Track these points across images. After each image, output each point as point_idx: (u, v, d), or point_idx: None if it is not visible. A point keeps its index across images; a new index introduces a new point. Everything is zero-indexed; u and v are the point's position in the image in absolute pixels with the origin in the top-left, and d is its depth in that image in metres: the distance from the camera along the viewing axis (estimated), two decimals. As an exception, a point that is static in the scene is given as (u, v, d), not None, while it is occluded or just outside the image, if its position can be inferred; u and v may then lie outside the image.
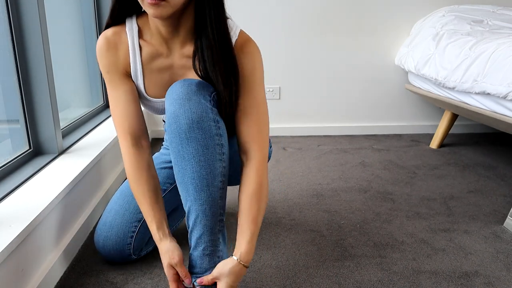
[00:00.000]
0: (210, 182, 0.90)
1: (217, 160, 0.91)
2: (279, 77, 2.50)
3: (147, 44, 1.00)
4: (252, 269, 1.19)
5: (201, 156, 0.89)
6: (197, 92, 0.89)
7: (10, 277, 0.93)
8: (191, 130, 0.88)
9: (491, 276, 1.16)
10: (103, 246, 1.15)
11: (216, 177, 0.91)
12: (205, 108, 0.88)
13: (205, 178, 0.90)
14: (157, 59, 1.01)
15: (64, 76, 1.77)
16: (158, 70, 1.02)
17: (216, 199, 0.92)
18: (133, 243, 1.15)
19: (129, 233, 1.13)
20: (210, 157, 0.89)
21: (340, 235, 1.38)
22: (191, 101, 0.88)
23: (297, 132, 2.60)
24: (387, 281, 1.13)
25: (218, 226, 0.94)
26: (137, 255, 1.19)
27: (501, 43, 1.66)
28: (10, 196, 1.13)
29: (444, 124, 2.28)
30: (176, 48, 0.99)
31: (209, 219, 0.92)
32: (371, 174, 1.93)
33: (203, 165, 0.89)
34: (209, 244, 0.94)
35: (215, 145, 0.90)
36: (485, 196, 1.68)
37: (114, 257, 1.16)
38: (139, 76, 1.02)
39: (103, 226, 1.15)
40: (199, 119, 0.87)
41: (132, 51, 0.99)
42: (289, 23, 2.41)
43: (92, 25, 2.09)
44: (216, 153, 0.90)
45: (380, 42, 2.48)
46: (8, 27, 1.26)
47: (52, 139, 1.41)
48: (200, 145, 0.88)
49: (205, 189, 0.90)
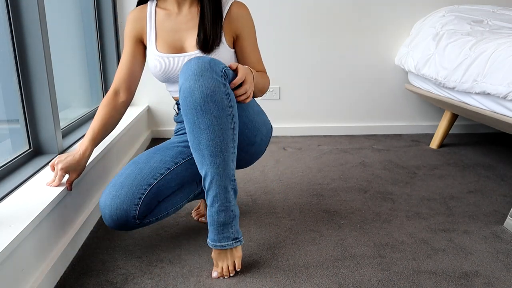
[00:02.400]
0: (224, 148, 1.04)
1: (229, 128, 1.04)
2: (279, 77, 2.50)
3: (162, 9, 1.29)
4: (252, 269, 1.19)
5: (215, 126, 1.02)
6: (210, 69, 1.01)
7: (10, 277, 0.93)
8: (205, 103, 1.00)
9: (491, 276, 1.16)
10: (110, 205, 1.12)
11: (229, 144, 1.05)
12: (217, 83, 1.01)
13: (219, 145, 1.04)
14: (168, 19, 1.27)
15: (64, 76, 1.77)
16: (168, 30, 1.27)
17: (229, 162, 1.07)
18: (140, 205, 1.14)
19: (138, 194, 1.14)
20: (223, 127, 1.03)
21: (340, 235, 1.38)
22: (204, 77, 1.00)
23: (297, 132, 2.60)
24: (387, 281, 1.13)
25: (231, 185, 1.09)
26: (140, 222, 1.16)
27: (501, 43, 1.66)
28: (10, 196, 1.13)
29: (444, 124, 2.28)
30: (185, 7, 1.27)
31: (223, 179, 1.07)
32: (371, 174, 1.93)
33: (217, 134, 1.03)
34: (224, 201, 1.09)
35: (227, 115, 1.03)
36: (485, 196, 1.68)
37: (119, 217, 1.13)
38: (152, 36, 1.28)
39: (113, 187, 1.15)
40: (212, 93, 1.00)
41: (149, 17, 1.29)
42: (289, 23, 2.41)
43: (92, 25, 2.09)
44: (228, 122, 1.04)
45: (380, 42, 2.48)
46: (8, 27, 1.26)
47: (52, 139, 1.41)
48: (214, 116, 1.01)
49: (220, 155, 1.04)
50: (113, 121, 1.31)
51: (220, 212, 1.10)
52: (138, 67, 1.34)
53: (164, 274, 1.17)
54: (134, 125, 2.15)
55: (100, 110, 1.29)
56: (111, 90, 1.32)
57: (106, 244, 1.32)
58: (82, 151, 1.22)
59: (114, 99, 1.30)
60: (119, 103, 1.31)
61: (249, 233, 1.39)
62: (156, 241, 1.34)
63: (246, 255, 1.26)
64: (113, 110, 1.30)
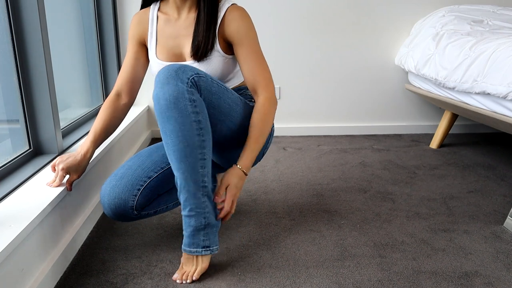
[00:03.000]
0: (188, 154, 1.04)
1: (195, 135, 1.04)
2: (279, 77, 2.50)
3: (163, 14, 1.27)
4: (252, 269, 1.19)
5: (179, 132, 1.03)
6: (175, 76, 1.02)
7: (10, 277, 0.93)
8: (169, 110, 1.02)
9: (491, 276, 1.16)
10: (109, 194, 1.16)
11: (195, 150, 1.05)
12: (181, 90, 1.02)
13: (183, 150, 1.04)
14: (168, 24, 1.26)
15: (64, 76, 1.77)
16: (167, 36, 1.26)
17: (196, 168, 1.06)
18: (138, 196, 1.17)
19: (137, 185, 1.17)
20: (187, 133, 1.03)
21: (340, 235, 1.38)
22: (169, 85, 1.02)
23: (297, 132, 2.60)
24: (387, 281, 1.13)
25: (201, 191, 1.08)
26: (138, 213, 1.19)
27: (501, 43, 1.66)
28: (10, 196, 1.13)
29: (444, 124, 2.28)
30: (184, 13, 1.25)
31: (191, 185, 1.07)
32: (371, 174, 1.93)
33: (181, 139, 1.03)
34: (194, 207, 1.09)
35: (192, 122, 1.03)
36: (485, 196, 1.68)
37: (117, 207, 1.15)
38: (153, 41, 1.28)
39: (114, 177, 1.19)
40: (176, 100, 1.01)
41: (151, 21, 1.28)
42: (289, 23, 2.41)
43: (92, 25, 2.09)
44: (193, 128, 1.04)
45: (380, 42, 2.48)
46: (8, 27, 1.26)
47: (52, 139, 1.41)
48: (178, 122, 1.02)
49: (184, 160, 1.05)
50: (114, 123, 1.30)
51: (190, 217, 1.10)
52: (140, 70, 1.33)
53: (164, 274, 1.17)
54: (134, 125, 2.15)
55: (102, 112, 1.28)
56: (113, 92, 1.31)
57: (106, 244, 1.32)
58: (83, 152, 1.23)
59: (116, 101, 1.30)
60: (121, 105, 1.31)
61: (249, 233, 1.39)
62: (156, 241, 1.34)
63: (246, 255, 1.26)
64: (115, 112, 1.30)
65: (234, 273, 1.17)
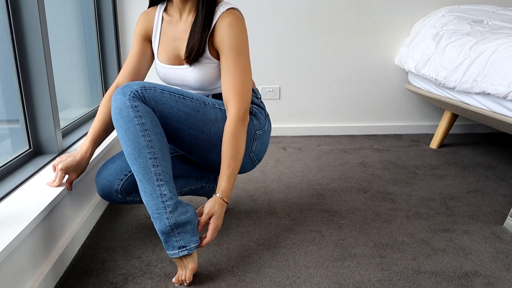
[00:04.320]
0: (137, 155, 1.07)
1: (140, 136, 1.07)
2: (279, 77, 2.50)
3: (168, 15, 1.29)
4: (252, 269, 1.19)
5: (125, 137, 1.08)
6: (121, 92, 1.09)
7: (10, 277, 0.93)
8: (116, 120, 1.09)
9: (491, 276, 1.16)
10: (100, 174, 1.25)
11: (143, 150, 1.08)
12: (123, 101, 1.08)
13: (132, 153, 1.08)
14: (170, 26, 1.27)
15: (64, 76, 1.77)
16: (168, 38, 1.28)
17: (148, 167, 1.07)
18: (123, 181, 1.23)
19: (125, 171, 1.24)
20: (132, 135, 1.07)
21: (340, 235, 1.38)
22: (116, 100, 1.09)
23: (297, 132, 2.60)
24: (387, 281, 1.13)
25: (159, 190, 1.08)
26: (123, 197, 1.25)
27: (501, 43, 1.66)
28: (10, 196, 1.13)
29: (444, 124, 2.28)
30: (184, 16, 1.25)
31: (146, 185, 1.07)
32: (371, 174, 1.93)
33: (128, 143, 1.08)
34: (154, 209, 1.07)
35: (135, 125, 1.07)
36: (485, 196, 1.68)
37: (104, 187, 1.24)
38: (156, 41, 1.30)
39: (108, 161, 1.27)
40: (120, 110, 1.08)
41: (156, 21, 1.30)
42: (289, 23, 2.41)
43: (92, 25, 2.09)
44: (137, 130, 1.07)
45: (380, 42, 2.48)
46: (8, 27, 1.26)
47: (52, 139, 1.41)
48: (123, 128, 1.08)
49: (135, 162, 1.08)
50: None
51: (154, 222, 1.08)
52: (144, 65, 1.33)
53: (164, 274, 1.17)
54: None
55: (101, 109, 1.28)
56: (113, 86, 1.31)
57: (106, 244, 1.32)
58: (83, 152, 1.23)
59: None
60: None
61: (249, 233, 1.39)
62: (156, 241, 1.34)
63: (246, 255, 1.26)
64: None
65: (234, 273, 1.17)
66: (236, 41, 1.18)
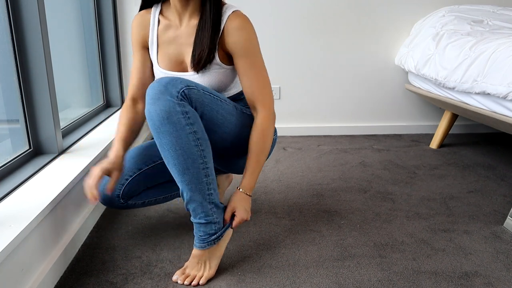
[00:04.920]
0: (190, 165, 1.05)
1: (193, 146, 1.04)
2: (279, 77, 2.50)
3: (164, 18, 1.21)
4: (252, 269, 1.19)
5: (176, 146, 1.03)
6: (165, 91, 1.02)
7: (10, 277, 0.93)
8: (163, 125, 1.02)
9: (491, 276, 1.16)
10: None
11: (196, 160, 1.05)
12: (172, 104, 1.01)
13: (184, 163, 1.04)
14: (169, 30, 1.20)
15: (64, 76, 1.77)
16: (168, 42, 1.21)
17: (200, 177, 1.07)
18: (125, 185, 1.22)
19: (126, 175, 1.22)
20: (185, 145, 1.03)
21: (340, 235, 1.38)
22: (160, 100, 1.01)
23: (297, 132, 2.60)
24: (387, 281, 1.13)
25: (208, 199, 1.10)
26: (125, 202, 1.23)
27: (501, 43, 1.66)
28: (10, 196, 1.13)
29: (444, 124, 2.28)
30: (185, 20, 1.19)
31: (197, 195, 1.08)
32: (371, 174, 1.93)
33: (179, 153, 1.04)
34: (203, 215, 1.10)
35: (188, 134, 1.03)
36: (485, 196, 1.68)
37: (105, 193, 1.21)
38: (154, 46, 1.23)
39: None
40: (168, 114, 1.01)
41: (152, 24, 1.22)
42: (289, 23, 2.41)
43: (92, 25, 2.09)
44: (190, 140, 1.04)
45: (380, 42, 2.48)
46: (8, 27, 1.26)
47: (52, 139, 1.41)
48: (173, 136, 1.02)
49: (187, 172, 1.05)
50: (137, 126, 1.25)
51: (201, 224, 1.12)
52: (150, 73, 1.28)
53: (164, 274, 1.17)
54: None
55: (123, 116, 1.24)
56: (128, 99, 1.27)
57: (106, 244, 1.32)
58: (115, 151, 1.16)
59: (133, 108, 1.26)
60: (140, 109, 1.27)
61: (249, 233, 1.39)
62: (156, 241, 1.34)
63: (246, 255, 1.26)
64: (135, 116, 1.25)
65: (234, 273, 1.17)
66: (252, 43, 1.16)
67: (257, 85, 1.17)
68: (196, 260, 1.14)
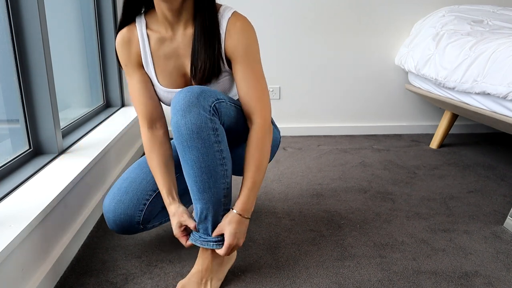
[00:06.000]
0: (212, 185, 1.00)
1: (218, 165, 1.00)
2: (279, 77, 2.50)
3: (154, 32, 1.10)
4: (252, 269, 1.19)
5: (202, 163, 0.98)
6: (197, 104, 0.96)
7: (10, 277, 0.93)
8: (191, 140, 0.96)
9: (491, 276, 1.16)
10: (114, 210, 1.13)
11: (218, 180, 1.01)
12: (204, 119, 0.96)
13: (207, 181, 1.00)
14: (163, 44, 1.10)
15: (64, 76, 1.77)
16: (165, 57, 1.11)
17: (219, 198, 1.03)
18: (144, 211, 1.15)
19: (143, 200, 1.14)
20: (211, 163, 0.99)
21: (340, 235, 1.38)
22: (191, 113, 0.95)
23: (297, 132, 2.60)
24: (387, 281, 1.13)
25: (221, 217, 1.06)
26: (144, 227, 1.17)
27: (501, 43, 1.66)
28: (10, 196, 1.13)
29: (444, 124, 2.28)
30: (179, 30, 1.09)
31: (212, 215, 1.04)
32: (371, 174, 1.93)
33: (204, 170, 0.99)
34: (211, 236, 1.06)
35: (215, 152, 0.99)
36: (485, 196, 1.68)
37: (123, 222, 1.13)
38: (150, 64, 1.13)
39: (118, 191, 1.14)
40: (199, 129, 0.95)
41: (141, 41, 1.11)
42: (289, 23, 2.41)
43: (92, 25, 2.09)
44: (216, 158, 0.99)
45: (380, 42, 2.48)
46: (8, 27, 1.26)
47: (52, 139, 1.41)
48: (200, 153, 0.97)
49: (208, 191, 1.01)
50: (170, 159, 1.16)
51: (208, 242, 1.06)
52: (154, 93, 1.16)
53: (164, 274, 1.17)
54: (133, 126, 2.15)
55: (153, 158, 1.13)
56: (145, 128, 1.15)
57: (106, 244, 1.32)
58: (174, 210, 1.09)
59: (154, 136, 1.15)
60: (161, 135, 1.16)
61: (249, 233, 1.39)
62: (156, 241, 1.34)
63: (246, 255, 1.26)
64: (164, 150, 1.15)
65: (234, 273, 1.17)
66: (252, 47, 1.08)
67: (254, 92, 1.08)
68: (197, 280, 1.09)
